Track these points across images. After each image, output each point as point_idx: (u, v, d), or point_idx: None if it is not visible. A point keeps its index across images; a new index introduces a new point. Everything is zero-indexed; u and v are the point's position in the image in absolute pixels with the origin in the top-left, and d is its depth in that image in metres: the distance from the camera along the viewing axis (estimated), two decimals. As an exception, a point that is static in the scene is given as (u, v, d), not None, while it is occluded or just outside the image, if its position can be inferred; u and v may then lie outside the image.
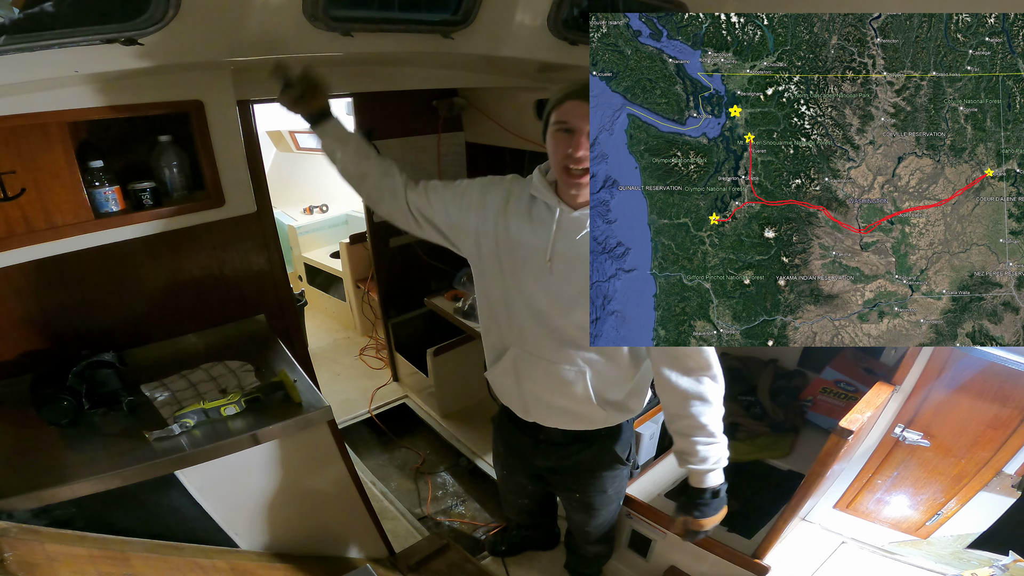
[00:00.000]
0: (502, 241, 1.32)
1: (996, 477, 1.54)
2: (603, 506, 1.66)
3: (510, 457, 1.71)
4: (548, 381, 1.37)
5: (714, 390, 1.26)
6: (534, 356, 1.36)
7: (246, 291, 2.02)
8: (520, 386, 1.42)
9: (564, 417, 1.43)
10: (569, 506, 1.74)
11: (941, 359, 1.54)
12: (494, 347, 1.46)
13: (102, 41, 1.27)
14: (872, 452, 1.70)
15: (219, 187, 1.76)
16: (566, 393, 1.36)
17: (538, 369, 1.36)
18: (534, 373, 1.38)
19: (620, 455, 1.52)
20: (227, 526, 1.57)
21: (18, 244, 1.48)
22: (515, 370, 1.40)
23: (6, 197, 1.43)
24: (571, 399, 1.37)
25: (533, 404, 1.44)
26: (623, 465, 1.55)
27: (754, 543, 1.72)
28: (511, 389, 1.46)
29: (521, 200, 1.31)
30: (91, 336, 1.71)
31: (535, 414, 1.46)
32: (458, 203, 1.38)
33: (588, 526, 1.76)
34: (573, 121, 1.13)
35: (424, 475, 2.67)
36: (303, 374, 1.68)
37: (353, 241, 3.56)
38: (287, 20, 1.42)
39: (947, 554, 1.68)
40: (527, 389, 1.42)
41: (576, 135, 1.13)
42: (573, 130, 1.14)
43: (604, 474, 1.55)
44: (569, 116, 1.14)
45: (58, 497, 1.27)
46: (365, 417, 3.05)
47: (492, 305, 1.40)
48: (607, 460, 1.52)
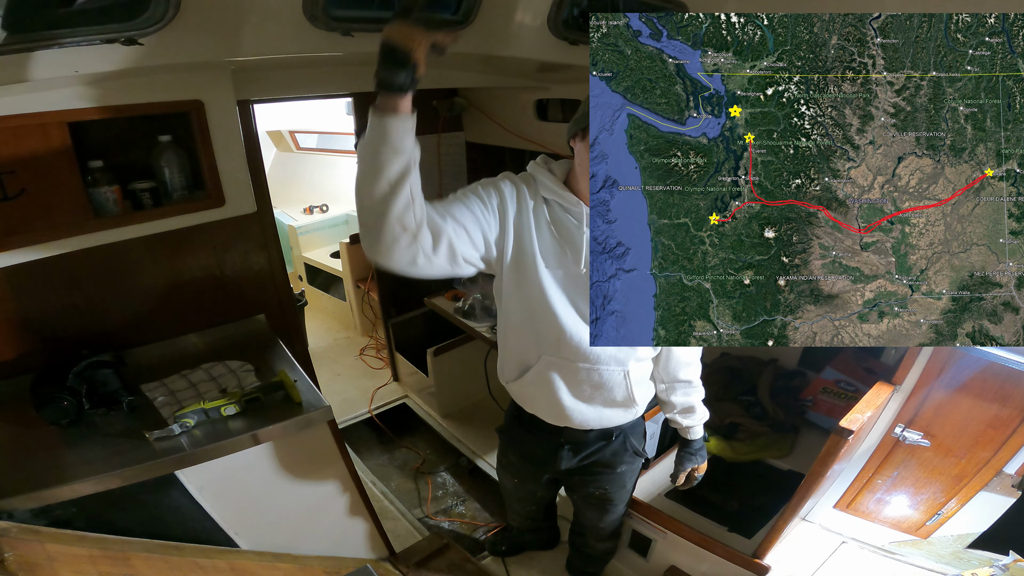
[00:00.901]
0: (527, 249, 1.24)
1: (996, 477, 1.54)
2: (620, 500, 1.70)
3: (524, 466, 1.71)
4: (586, 386, 1.37)
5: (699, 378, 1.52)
6: (571, 362, 1.33)
7: (246, 291, 2.02)
8: (554, 394, 1.39)
9: (599, 418, 1.44)
10: (584, 504, 1.75)
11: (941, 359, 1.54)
12: (521, 359, 1.40)
13: (102, 41, 1.27)
14: (872, 452, 1.70)
15: (219, 187, 1.76)
16: (605, 394, 1.38)
17: (576, 375, 1.35)
18: (571, 379, 1.36)
19: (638, 447, 1.57)
20: (227, 526, 1.57)
21: (18, 244, 1.48)
22: (549, 379, 1.37)
23: (6, 197, 1.43)
24: (610, 399, 1.40)
25: (569, 410, 1.41)
26: (640, 457, 1.60)
27: (754, 543, 1.72)
28: (542, 398, 1.43)
29: (535, 204, 1.24)
30: (91, 336, 1.71)
31: (569, 419, 1.43)
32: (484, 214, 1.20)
33: (602, 522, 1.78)
34: None
35: (424, 475, 2.67)
36: (303, 374, 1.68)
37: (353, 241, 3.56)
38: (287, 20, 1.42)
39: (947, 554, 1.68)
40: (562, 396, 1.39)
41: None
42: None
43: (624, 468, 1.59)
44: None
45: (58, 497, 1.27)
46: (365, 417, 3.05)
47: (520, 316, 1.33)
48: (627, 453, 1.56)
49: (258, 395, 1.53)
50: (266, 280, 2.07)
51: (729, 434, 2.06)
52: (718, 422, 2.09)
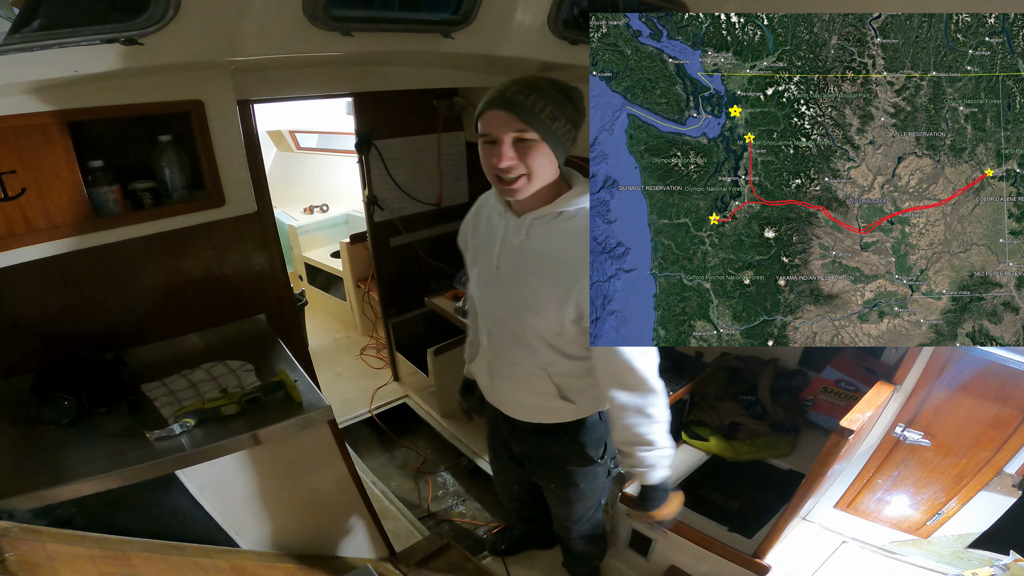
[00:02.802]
0: (472, 252, 1.41)
1: (997, 477, 1.54)
2: (576, 500, 1.63)
3: (494, 441, 1.74)
4: (514, 380, 1.42)
5: (656, 405, 1.27)
6: (499, 356, 1.42)
7: (246, 291, 2.02)
8: (493, 383, 1.49)
9: (534, 412, 1.46)
10: (549, 497, 1.73)
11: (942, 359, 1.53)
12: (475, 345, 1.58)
13: (102, 41, 1.27)
14: (873, 452, 1.70)
15: (219, 187, 1.77)
16: (531, 390, 1.40)
17: (505, 369, 1.42)
18: (501, 372, 1.44)
19: (590, 452, 1.50)
20: (228, 526, 1.57)
21: (19, 244, 1.48)
22: (488, 369, 1.48)
23: (6, 197, 1.43)
24: (537, 396, 1.40)
25: (505, 401, 1.49)
26: (594, 463, 1.53)
27: (755, 543, 1.72)
28: (487, 386, 1.53)
29: (486, 209, 1.38)
30: (92, 336, 1.71)
31: (508, 409, 1.50)
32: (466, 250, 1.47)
33: (568, 520, 1.74)
34: (493, 132, 1.12)
35: (425, 475, 2.68)
36: (303, 374, 1.68)
37: (353, 241, 3.56)
38: (287, 20, 1.42)
39: (948, 554, 1.68)
40: (498, 387, 1.48)
41: (498, 145, 1.12)
42: (496, 140, 1.12)
43: (574, 468, 1.54)
44: (490, 127, 1.12)
45: (59, 497, 1.27)
46: (365, 417, 3.05)
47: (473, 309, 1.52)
48: (576, 454, 1.51)
49: (258, 395, 1.53)
50: (266, 280, 2.07)
51: (729, 434, 2.06)
52: (718, 421, 2.09)
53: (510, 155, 1.11)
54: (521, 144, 1.11)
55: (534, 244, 1.23)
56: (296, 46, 1.51)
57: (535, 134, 1.10)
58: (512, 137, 1.11)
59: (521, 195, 1.17)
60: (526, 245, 1.24)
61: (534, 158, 1.12)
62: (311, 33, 1.47)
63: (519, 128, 1.10)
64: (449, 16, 1.65)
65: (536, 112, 1.09)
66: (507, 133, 1.10)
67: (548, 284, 1.22)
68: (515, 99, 1.09)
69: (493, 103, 1.11)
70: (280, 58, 1.69)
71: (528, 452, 1.59)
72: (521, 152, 1.12)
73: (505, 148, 1.11)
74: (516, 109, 1.09)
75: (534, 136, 1.10)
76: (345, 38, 1.54)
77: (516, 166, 1.12)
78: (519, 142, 1.11)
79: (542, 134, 1.10)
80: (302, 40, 1.49)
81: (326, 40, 1.52)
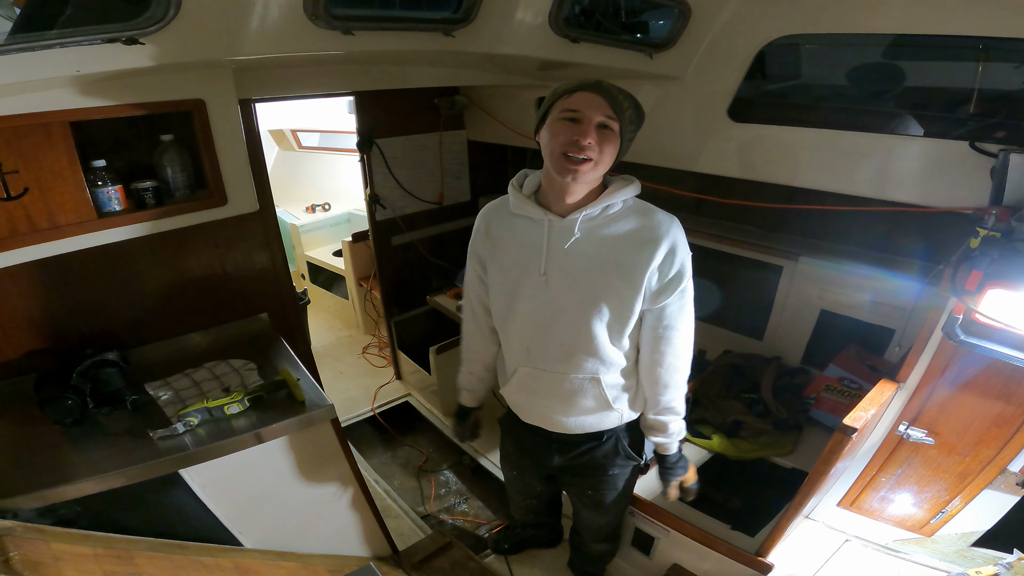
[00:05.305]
0: (496, 267, 1.38)
1: (1000, 475, 1.53)
2: (614, 503, 1.67)
3: (520, 458, 1.72)
4: (561, 393, 1.39)
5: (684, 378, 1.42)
6: (543, 371, 1.39)
7: (249, 290, 2.03)
8: (534, 401, 1.47)
9: (581, 422, 1.45)
10: (580, 504, 1.74)
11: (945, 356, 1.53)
12: (505, 367, 1.52)
13: (103, 41, 1.27)
14: (876, 450, 1.69)
15: (221, 186, 1.77)
16: (580, 401, 1.39)
17: (550, 384, 1.39)
18: (545, 388, 1.41)
19: (632, 451, 1.54)
20: (231, 524, 1.58)
21: (21, 244, 1.49)
22: (528, 387, 1.45)
23: (9, 197, 1.44)
24: (586, 406, 1.40)
25: (551, 416, 1.47)
26: (634, 461, 1.57)
27: (757, 541, 1.72)
28: (526, 404, 1.51)
29: (502, 222, 1.35)
30: (95, 335, 1.72)
31: (553, 424, 1.48)
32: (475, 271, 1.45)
33: (597, 523, 1.77)
34: (584, 109, 1.16)
35: (427, 473, 2.68)
36: (306, 372, 1.69)
37: (356, 239, 3.56)
38: (288, 19, 1.42)
39: (951, 552, 1.68)
40: (542, 403, 1.46)
41: (585, 124, 1.16)
42: (581, 120, 1.16)
43: (616, 471, 1.56)
44: (581, 105, 1.17)
45: (63, 496, 1.27)
46: (368, 415, 3.06)
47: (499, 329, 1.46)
48: (619, 456, 1.53)
49: (261, 394, 1.54)
50: (269, 279, 2.08)
51: (732, 432, 2.06)
52: (721, 420, 2.09)
53: (593, 135, 1.16)
54: (602, 131, 1.17)
55: (588, 241, 1.25)
56: (297, 45, 1.51)
57: (618, 125, 1.17)
58: (599, 121, 1.16)
59: (582, 178, 1.19)
60: (579, 244, 1.25)
61: (607, 147, 1.18)
62: (312, 32, 1.47)
63: (608, 115, 1.16)
64: (450, 14, 1.65)
65: (623, 108, 1.17)
66: (597, 115, 1.16)
67: (613, 276, 1.24)
68: (611, 89, 1.17)
69: (588, 87, 1.17)
70: (281, 57, 1.69)
71: (568, 463, 1.57)
72: (599, 137, 1.17)
73: (592, 127, 1.16)
74: (610, 97, 1.16)
75: (616, 127, 1.17)
76: (346, 37, 1.53)
77: (594, 147, 1.16)
78: (601, 128, 1.17)
79: (622, 127, 1.18)
80: (303, 39, 1.48)
81: (327, 39, 1.52)
